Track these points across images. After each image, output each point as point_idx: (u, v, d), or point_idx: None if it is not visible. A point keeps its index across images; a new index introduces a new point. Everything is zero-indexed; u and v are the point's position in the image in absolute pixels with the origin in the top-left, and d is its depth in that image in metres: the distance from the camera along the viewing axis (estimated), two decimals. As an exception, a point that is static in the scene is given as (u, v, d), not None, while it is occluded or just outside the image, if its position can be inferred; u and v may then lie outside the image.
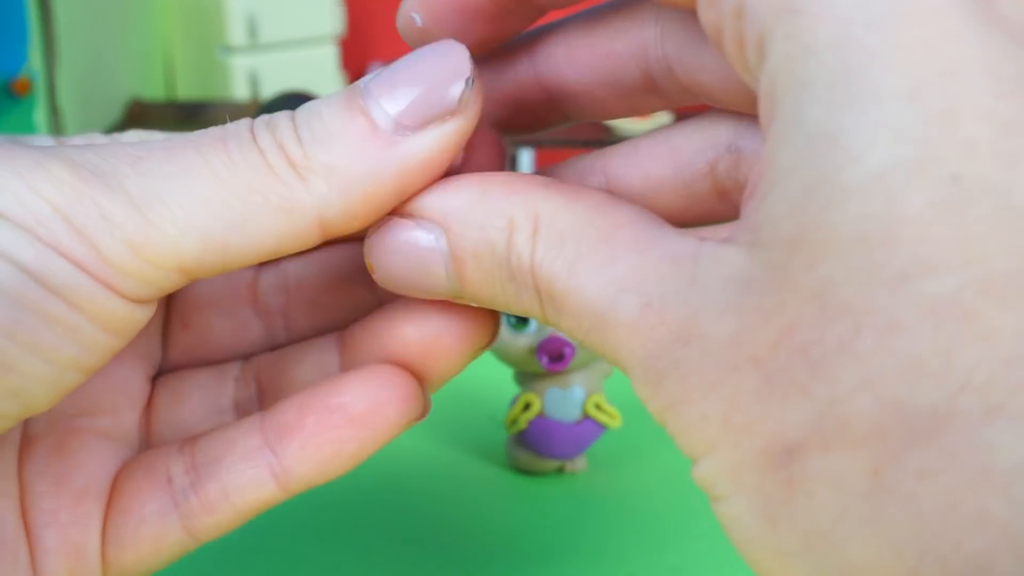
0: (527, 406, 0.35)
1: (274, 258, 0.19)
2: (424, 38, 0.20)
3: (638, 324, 0.17)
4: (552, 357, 0.33)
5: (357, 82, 0.19)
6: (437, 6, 0.20)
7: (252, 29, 0.58)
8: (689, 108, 0.23)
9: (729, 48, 0.17)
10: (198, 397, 0.24)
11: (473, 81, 0.19)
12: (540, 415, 0.35)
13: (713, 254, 0.16)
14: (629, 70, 0.21)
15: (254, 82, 0.59)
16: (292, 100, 0.46)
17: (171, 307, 0.24)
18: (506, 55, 0.22)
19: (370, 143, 0.18)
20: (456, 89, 0.19)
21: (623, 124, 0.49)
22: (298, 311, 0.24)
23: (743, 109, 0.20)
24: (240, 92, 0.59)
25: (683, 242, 0.17)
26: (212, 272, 0.18)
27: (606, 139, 0.49)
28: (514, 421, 0.35)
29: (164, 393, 0.24)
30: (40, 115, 0.48)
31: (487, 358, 0.36)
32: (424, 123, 0.19)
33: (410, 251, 0.19)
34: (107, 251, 0.17)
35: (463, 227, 0.19)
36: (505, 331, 0.34)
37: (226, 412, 0.24)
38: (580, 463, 0.37)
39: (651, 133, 0.22)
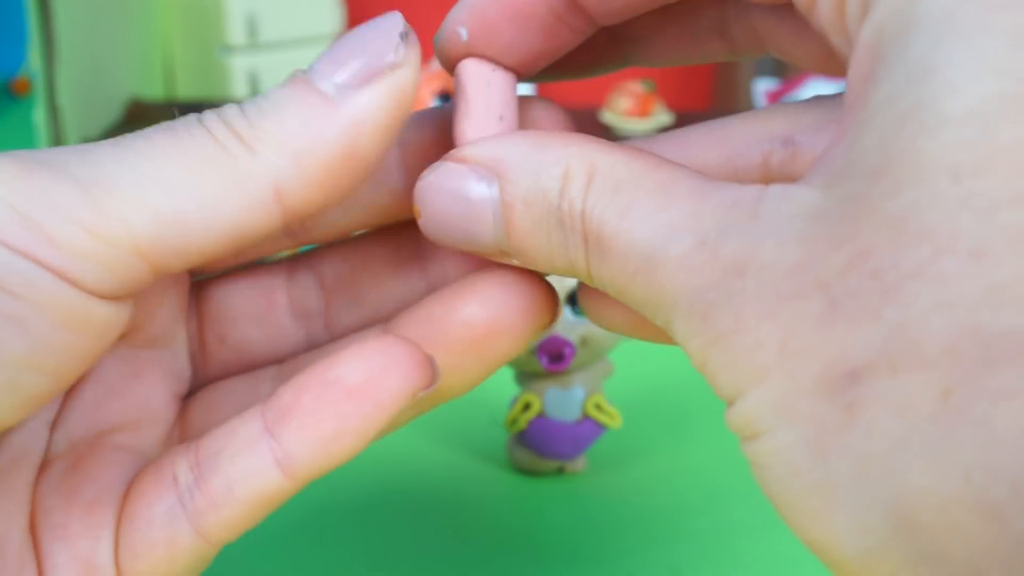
0: (527, 406, 0.35)
1: (243, 242, 0.18)
2: (467, 54, 0.20)
3: (689, 259, 0.17)
4: (552, 357, 0.33)
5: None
6: (489, 16, 0.20)
7: (252, 28, 0.58)
8: (688, 109, 0.23)
9: (824, 9, 0.17)
10: (233, 404, 0.23)
11: (409, 35, 0.19)
12: (540, 415, 0.35)
13: (780, 194, 0.16)
14: (704, 10, 0.21)
15: (254, 82, 0.59)
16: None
17: (204, 323, 0.24)
18: None
19: (317, 107, 0.18)
20: (390, 43, 0.19)
21: (623, 123, 0.49)
22: (338, 309, 0.24)
23: (814, 67, 0.20)
24: (240, 92, 0.59)
25: (744, 189, 0.17)
26: (173, 258, 0.18)
27: (606, 139, 0.49)
28: (514, 421, 0.35)
29: (199, 405, 0.23)
30: (39, 115, 0.48)
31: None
32: (366, 81, 0.19)
33: (460, 196, 0.19)
34: (56, 233, 0.17)
35: (517, 174, 0.19)
36: (505, 331, 0.34)
37: None
38: (580, 463, 0.37)
39: (705, 122, 0.22)
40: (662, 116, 0.49)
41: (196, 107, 0.57)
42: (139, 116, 0.56)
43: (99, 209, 0.17)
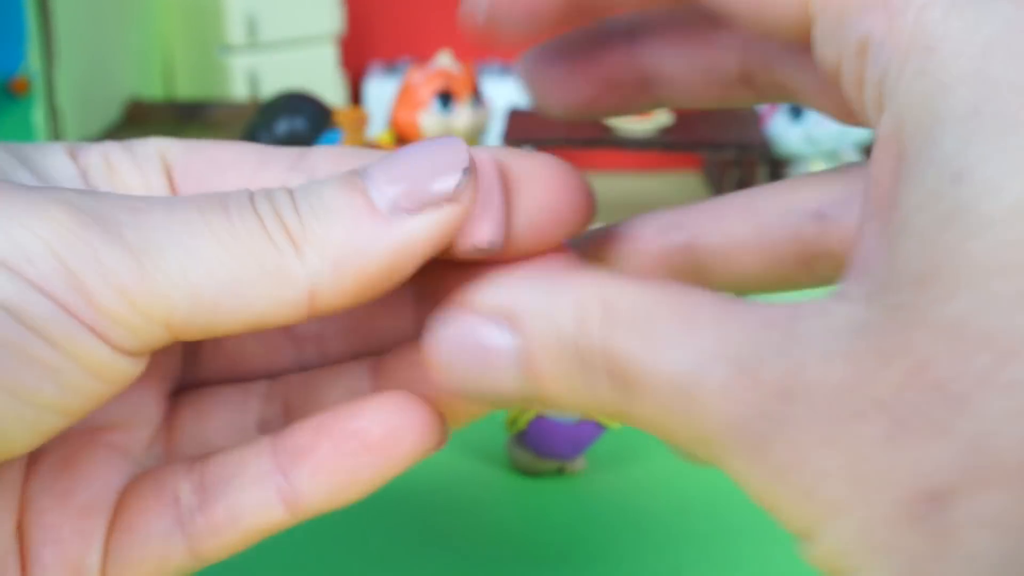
0: (527, 406, 0.35)
1: (262, 328, 0.19)
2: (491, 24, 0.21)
3: (729, 388, 0.16)
4: (552, 357, 0.33)
5: (357, 168, 0.20)
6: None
7: (251, 28, 0.58)
8: (688, 110, 0.23)
9: (848, 87, 0.16)
10: (223, 415, 0.23)
11: (469, 171, 0.19)
12: (540, 415, 0.35)
13: (817, 310, 0.15)
14: (728, 62, 0.21)
15: (253, 82, 0.59)
16: (292, 100, 0.46)
17: None
18: (603, 36, 0.22)
19: (366, 220, 0.19)
20: (454, 177, 0.19)
21: (623, 124, 0.48)
22: (331, 337, 0.24)
23: (840, 118, 0.20)
24: (239, 92, 0.59)
25: (775, 308, 0.16)
26: (195, 334, 0.18)
27: (606, 139, 0.49)
28: (514, 421, 0.35)
29: (188, 409, 0.23)
30: (38, 115, 0.48)
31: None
32: (420, 207, 0.19)
33: (478, 348, 0.18)
34: (97, 296, 0.17)
35: (533, 319, 0.18)
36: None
37: (250, 430, 0.23)
38: (580, 463, 0.37)
39: (737, 193, 0.22)
40: (662, 116, 0.49)
41: (196, 107, 0.57)
42: (138, 116, 0.56)
43: (143, 281, 0.17)
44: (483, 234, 0.20)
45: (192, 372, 0.24)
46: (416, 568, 0.31)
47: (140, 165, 0.21)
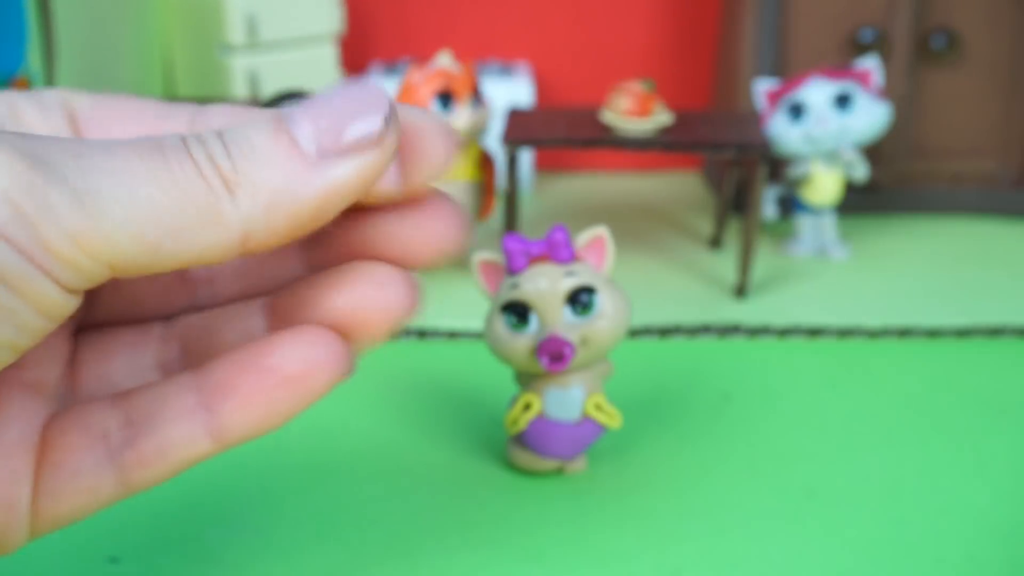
0: (527, 406, 0.35)
1: (195, 266, 0.20)
2: None
3: None
4: (552, 357, 0.33)
5: (281, 109, 0.20)
6: None
7: (251, 28, 0.58)
8: (689, 109, 0.23)
9: None
10: (123, 355, 0.24)
11: (391, 117, 0.20)
12: (540, 415, 0.35)
13: None
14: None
15: (253, 81, 0.59)
16: (291, 99, 0.46)
17: None
18: None
19: (296, 165, 0.20)
20: (376, 120, 0.20)
21: (623, 123, 0.48)
22: (224, 278, 0.25)
23: None
24: (240, 91, 0.59)
25: None
26: (135, 272, 0.19)
27: (606, 139, 0.49)
28: (514, 421, 0.35)
29: (89, 349, 0.24)
30: (39, 115, 0.48)
31: (487, 358, 0.36)
32: (345, 151, 0.20)
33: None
34: (50, 240, 0.18)
35: None
36: (505, 331, 0.34)
37: (150, 371, 0.24)
38: (580, 463, 0.37)
39: None
40: (662, 116, 0.49)
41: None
42: (139, 116, 0.56)
43: (91, 225, 0.18)
44: (390, 181, 0.21)
45: (92, 313, 0.25)
46: (416, 567, 0.31)
47: (45, 113, 0.22)
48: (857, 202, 0.60)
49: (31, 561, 0.31)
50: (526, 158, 0.66)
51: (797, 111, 0.53)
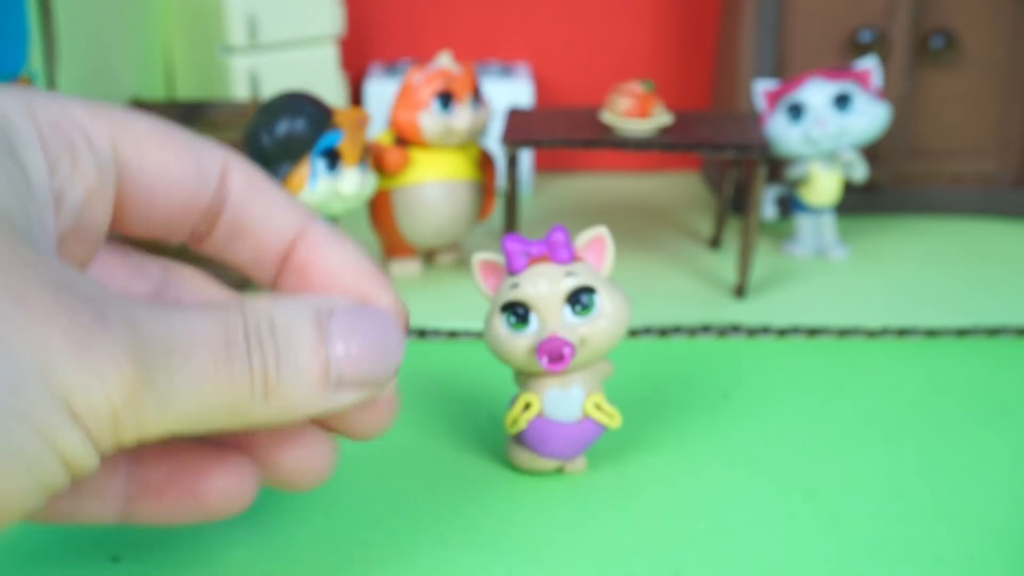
0: (527, 406, 0.35)
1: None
2: None
3: None
4: (552, 357, 0.33)
5: (328, 310, 0.24)
6: None
7: (252, 29, 0.58)
8: (688, 109, 0.23)
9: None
10: None
11: (399, 364, 0.25)
12: (540, 415, 0.35)
13: None
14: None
15: (254, 82, 0.59)
16: (292, 100, 0.46)
17: None
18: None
19: (319, 387, 0.23)
20: (390, 373, 0.25)
21: (623, 124, 0.49)
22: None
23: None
24: (240, 92, 0.59)
25: None
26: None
27: (606, 139, 0.49)
28: (514, 421, 0.35)
29: None
30: (40, 115, 0.48)
31: (487, 358, 0.36)
32: (358, 385, 0.24)
33: None
34: (124, 437, 0.21)
35: None
36: (505, 331, 0.34)
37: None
38: (580, 463, 0.37)
39: None
40: (662, 116, 0.49)
41: (198, 107, 0.57)
42: (140, 116, 0.56)
43: (160, 422, 0.21)
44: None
45: None
46: (416, 567, 0.31)
47: (101, 167, 0.24)
48: (856, 202, 0.61)
49: (33, 560, 0.31)
50: (526, 158, 0.66)
51: (796, 111, 0.53)
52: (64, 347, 0.20)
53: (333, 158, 0.45)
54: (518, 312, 0.34)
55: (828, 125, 0.53)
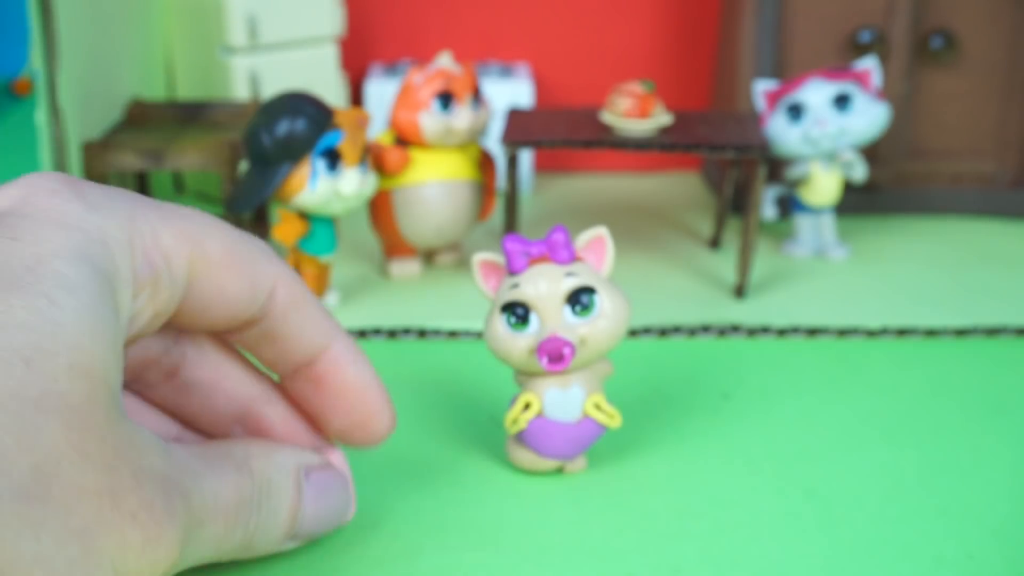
0: (527, 406, 0.35)
1: None
2: None
3: None
4: (552, 357, 0.33)
5: (303, 474, 0.29)
6: None
7: (252, 30, 0.59)
8: (688, 110, 0.23)
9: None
10: None
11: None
12: (540, 415, 0.35)
13: None
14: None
15: (254, 83, 0.59)
16: (293, 100, 0.46)
17: None
18: None
19: (279, 542, 0.29)
20: (334, 527, 0.31)
21: (623, 124, 0.49)
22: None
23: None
24: (241, 92, 0.59)
25: None
26: None
27: (606, 139, 0.49)
28: (514, 421, 0.35)
29: None
30: (41, 115, 0.48)
31: (487, 358, 0.36)
32: (305, 539, 0.30)
33: None
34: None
35: None
36: (505, 331, 0.34)
37: None
38: (580, 463, 0.37)
39: None
40: (662, 116, 0.49)
41: (198, 107, 0.57)
42: (140, 116, 0.56)
43: (177, 565, 0.24)
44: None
45: None
46: (416, 566, 0.32)
47: (170, 287, 0.26)
48: (856, 202, 0.61)
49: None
50: (526, 158, 0.66)
51: (796, 112, 0.53)
52: (137, 544, 0.22)
53: (333, 158, 0.45)
54: (518, 312, 0.34)
55: (828, 125, 0.53)
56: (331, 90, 0.62)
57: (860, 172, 0.54)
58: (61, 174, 0.25)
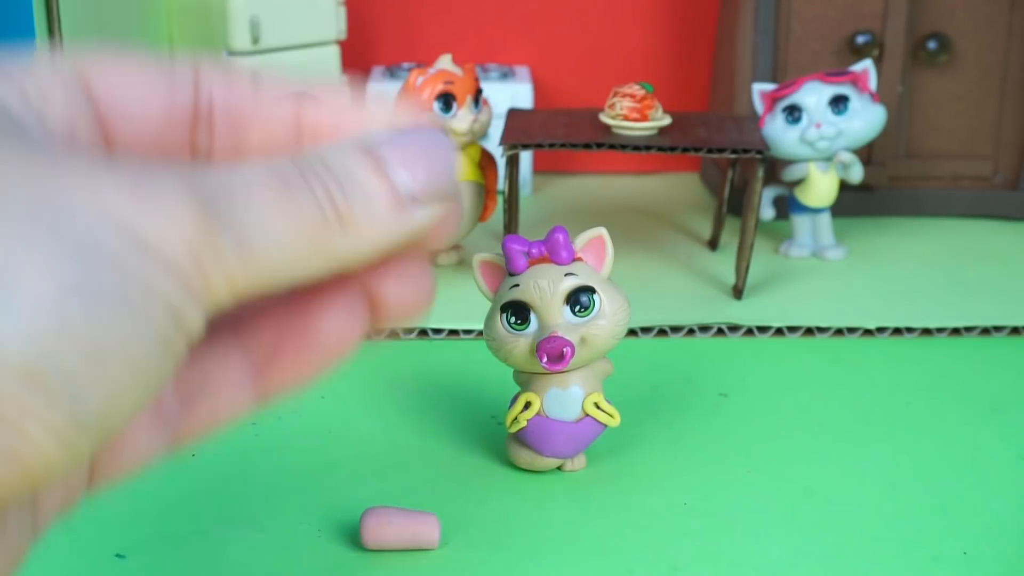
0: (527, 405, 0.35)
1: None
2: None
3: None
4: (552, 357, 0.33)
5: (373, 142, 0.22)
6: None
7: (255, 34, 0.59)
8: (687, 111, 0.24)
9: None
10: None
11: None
12: (540, 414, 0.35)
13: None
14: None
15: (256, 84, 0.60)
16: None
17: None
18: None
19: (393, 208, 0.22)
20: (452, 176, 0.23)
21: (623, 125, 0.49)
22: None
23: None
24: (242, 94, 0.59)
25: None
26: (245, 295, 0.21)
27: (605, 141, 0.49)
28: (514, 420, 0.35)
29: None
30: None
31: (487, 358, 0.37)
32: (429, 200, 0.22)
33: None
34: (212, 283, 0.20)
35: None
36: (505, 331, 0.35)
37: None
38: (579, 461, 0.37)
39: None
40: (661, 118, 0.49)
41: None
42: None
43: (243, 268, 0.20)
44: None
45: None
46: (416, 565, 0.32)
47: (69, 93, 0.23)
48: (853, 203, 0.61)
49: (41, 557, 0.32)
50: (526, 159, 0.66)
51: (793, 114, 0.54)
52: (119, 190, 0.19)
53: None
54: (518, 312, 0.34)
55: (825, 127, 0.53)
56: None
57: (857, 173, 0.55)
58: None
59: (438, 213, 0.23)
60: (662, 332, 0.48)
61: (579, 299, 0.34)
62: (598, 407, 0.35)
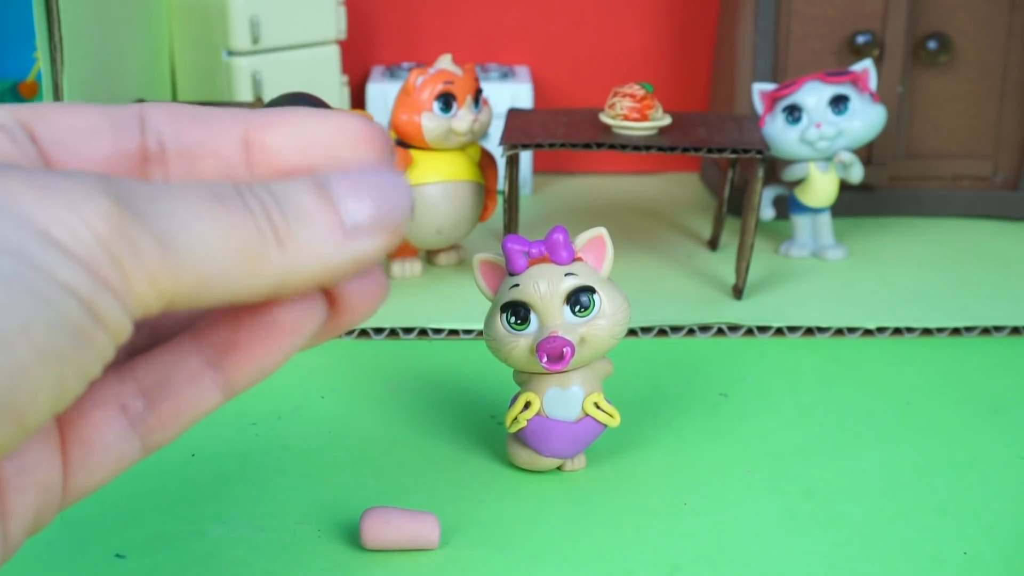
0: (527, 405, 0.35)
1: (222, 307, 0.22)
2: None
3: None
4: (552, 357, 0.34)
5: (318, 176, 0.23)
6: None
7: (255, 34, 0.59)
8: (687, 111, 0.24)
9: None
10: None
11: (411, 208, 0.23)
12: (540, 414, 0.35)
13: None
14: None
15: (257, 85, 0.60)
16: (295, 100, 0.46)
17: None
18: None
19: (335, 234, 0.22)
20: (403, 214, 0.23)
21: (623, 125, 0.49)
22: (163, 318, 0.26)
23: None
24: (244, 95, 0.60)
25: None
26: (176, 308, 0.21)
27: (605, 141, 0.49)
28: (514, 420, 0.35)
29: None
30: (45, 117, 0.48)
31: (487, 358, 0.37)
32: (374, 231, 0.22)
33: None
34: (132, 279, 0.20)
35: None
36: (505, 331, 0.35)
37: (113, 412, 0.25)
38: (579, 461, 0.37)
39: None
40: (661, 118, 0.49)
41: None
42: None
43: (165, 266, 0.20)
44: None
45: None
46: (416, 565, 0.32)
47: (12, 138, 0.23)
48: (853, 203, 0.61)
49: (41, 558, 0.32)
50: (526, 159, 0.66)
51: (794, 113, 0.54)
52: (26, 190, 0.19)
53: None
54: (518, 312, 0.34)
55: (825, 127, 0.53)
56: (333, 92, 0.62)
57: (857, 173, 0.55)
58: None
59: (384, 244, 0.23)
60: (662, 332, 0.48)
61: (579, 299, 0.34)
62: (598, 407, 0.35)
